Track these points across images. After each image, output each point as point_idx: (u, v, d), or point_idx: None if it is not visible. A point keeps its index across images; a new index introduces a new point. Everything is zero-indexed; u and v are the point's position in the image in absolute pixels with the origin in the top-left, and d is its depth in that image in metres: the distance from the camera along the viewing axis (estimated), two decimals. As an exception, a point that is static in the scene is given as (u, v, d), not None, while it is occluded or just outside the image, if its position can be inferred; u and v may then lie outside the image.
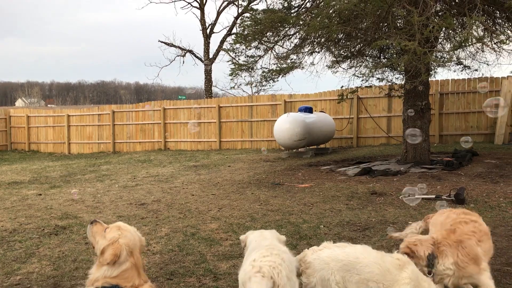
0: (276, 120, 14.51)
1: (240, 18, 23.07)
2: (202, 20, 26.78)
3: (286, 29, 10.76)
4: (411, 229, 4.03)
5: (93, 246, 3.00)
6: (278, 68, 11.10)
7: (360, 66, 11.64)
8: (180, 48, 26.91)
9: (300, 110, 14.93)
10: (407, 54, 8.00)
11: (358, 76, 10.86)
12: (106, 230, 2.93)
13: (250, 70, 11.64)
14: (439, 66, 10.72)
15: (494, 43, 9.79)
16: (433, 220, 3.80)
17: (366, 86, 11.24)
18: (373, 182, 8.85)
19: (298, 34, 10.93)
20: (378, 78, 11.39)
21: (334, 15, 9.25)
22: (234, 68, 11.81)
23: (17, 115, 23.70)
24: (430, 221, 3.84)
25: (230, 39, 23.76)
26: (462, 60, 11.60)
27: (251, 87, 24.47)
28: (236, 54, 12.01)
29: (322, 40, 10.65)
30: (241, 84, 22.25)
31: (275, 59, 11.46)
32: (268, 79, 11.37)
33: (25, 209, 7.94)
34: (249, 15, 12.63)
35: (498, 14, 10.19)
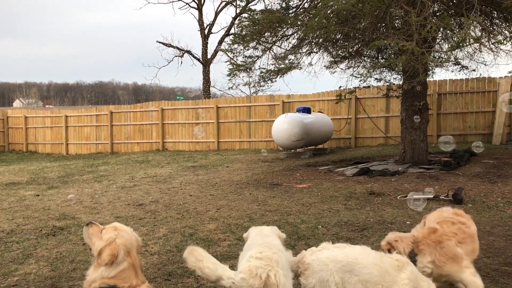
0: (274, 120, 14.52)
1: (238, 18, 23.08)
2: (200, 20, 26.78)
3: (284, 29, 10.77)
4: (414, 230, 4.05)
5: (89, 248, 2.98)
6: (276, 68, 11.10)
7: (358, 66, 11.66)
8: (178, 48, 26.91)
9: (298, 110, 14.93)
10: (405, 54, 8.00)
11: (356, 76, 10.88)
12: (102, 231, 2.92)
13: (248, 70, 11.63)
14: (437, 66, 10.74)
15: (492, 43, 9.82)
16: (428, 218, 3.85)
17: (364, 87, 11.27)
18: (371, 182, 8.85)
19: (296, 34, 10.93)
20: (376, 79, 11.42)
21: (332, 16, 9.26)
22: (232, 68, 11.79)
23: (14, 116, 23.66)
24: (426, 220, 3.88)
25: (228, 40, 23.74)
26: (460, 60, 11.63)
27: (249, 88, 24.48)
28: (234, 54, 12.00)
29: (320, 40, 10.66)
30: (239, 84, 22.23)
31: (273, 60, 11.46)
32: (266, 80, 11.37)
33: (22, 210, 7.91)
34: (247, 16, 12.63)
35: (495, 15, 10.21)
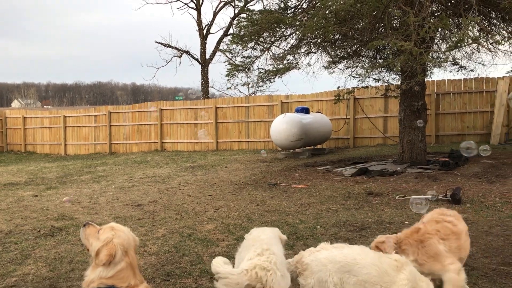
0: (273, 120, 14.53)
1: (236, 18, 23.09)
2: (199, 21, 26.80)
3: (283, 29, 10.77)
4: None
5: (87, 248, 2.99)
6: (274, 68, 11.09)
7: (356, 66, 11.66)
8: (176, 49, 26.92)
9: (296, 110, 14.94)
10: (403, 54, 8.01)
11: (354, 76, 10.86)
12: (99, 232, 2.92)
13: (247, 70, 11.62)
14: (435, 66, 10.75)
15: (490, 44, 9.83)
16: (425, 218, 3.90)
17: (362, 87, 11.27)
18: (369, 183, 8.86)
19: (294, 34, 10.93)
20: (375, 79, 11.42)
21: (330, 16, 9.27)
22: (230, 68, 11.78)
23: (13, 116, 23.61)
24: (424, 220, 3.93)
25: (227, 40, 23.79)
26: (458, 60, 11.63)
27: (248, 88, 24.51)
28: (232, 54, 11.99)
29: (319, 40, 10.66)
30: (237, 84, 22.18)
31: (272, 60, 11.46)
32: (264, 80, 11.36)
33: (21, 210, 7.90)
34: (245, 16, 12.64)
35: (493, 15, 10.22)
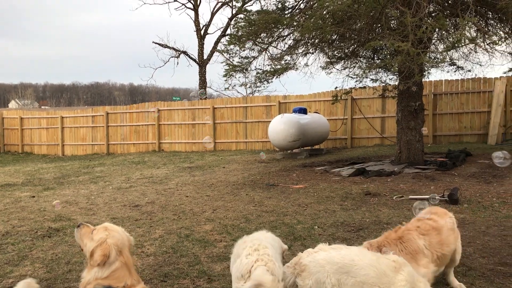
0: (270, 121, 14.53)
1: (234, 19, 23.10)
2: (196, 21, 26.79)
3: (280, 30, 10.78)
4: None
5: (81, 249, 2.99)
6: (272, 69, 11.10)
7: (354, 67, 11.67)
8: (174, 49, 26.90)
9: (294, 111, 14.94)
10: (401, 55, 8.02)
11: (352, 77, 10.88)
12: (93, 232, 2.91)
13: (245, 71, 11.62)
14: (433, 66, 10.76)
15: (487, 44, 9.85)
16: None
17: (360, 87, 11.27)
18: (367, 183, 8.87)
19: (292, 35, 10.94)
20: (372, 79, 11.43)
21: (327, 16, 9.27)
22: (228, 69, 11.78)
23: (10, 117, 23.55)
24: None
25: (224, 40, 23.77)
26: (455, 60, 11.66)
27: (246, 88, 24.49)
28: (230, 55, 11.99)
29: (316, 41, 10.67)
30: (235, 85, 22.21)
31: (269, 60, 11.46)
32: (262, 80, 11.36)
33: (18, 211, 7.88)
34: (243, 16, 12.63)
35: (490, 15, 10.25)
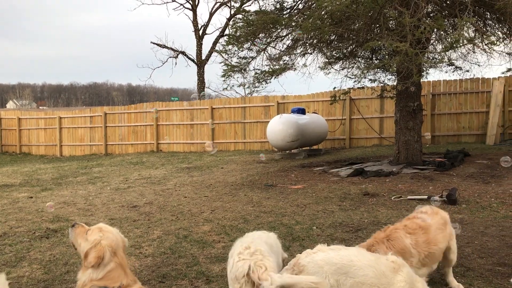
0: (269, 121, 14.52)
1: (232, 19, 23.06)
2: (195, 21, 26.77)
3: (279, 30, 10.77)
4: None
5: (75, 248, 2.98)
6: (270, 69, 11.09)
7: (352, 67, 11.66)
8: (172, 49, 26.88)
9: (293, 111, 14.93)
10: (399, 55, 8.02)
11: (350, 77, 10.88)
12: (88, 232, 2.91)
13: (243, 71, 11.61)
14: (431, 67, 10.77)
15: (485, 44, 9.85)
16: None
17: (358, 87, 11.26)
18: (365, 183, 8.86)
19: (290, 35, 10.93)
20: (370, 79, 11.43)
21: (326, 17, 9.27)
22: (226, 69, 11.76)
23: (8, 117, 23.49)
24: None
25: (223, 41, 23.74)
26: (453, 61, 11.66)
27: (244, 89, 24.42)
28: (228, 55, 11.97)
29: (314, 41, 10.66)
30: (233, 85, 22.12)
31: (268, 61, 11.46)
32: (260, 81, 11.35)
33: (15, 212, 7.86)
34: (241, 17, 12.62)
35: (488, 16, 10.26)
